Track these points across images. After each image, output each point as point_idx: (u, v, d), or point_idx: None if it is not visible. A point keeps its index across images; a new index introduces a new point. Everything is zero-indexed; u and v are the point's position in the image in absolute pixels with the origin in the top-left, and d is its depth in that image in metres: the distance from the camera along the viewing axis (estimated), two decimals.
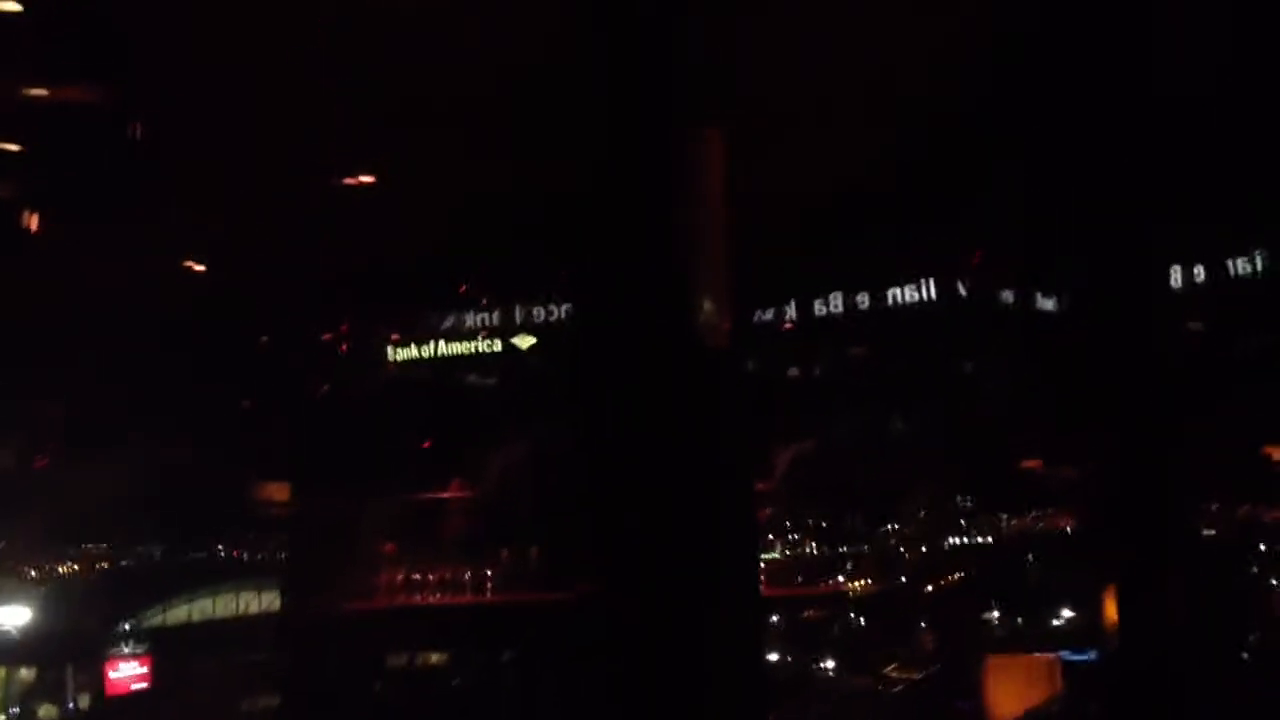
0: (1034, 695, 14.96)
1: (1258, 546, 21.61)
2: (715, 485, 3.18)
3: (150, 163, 10.72)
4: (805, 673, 23.09)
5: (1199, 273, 21.81)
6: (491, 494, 20.82)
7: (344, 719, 22.75)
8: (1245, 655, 14.83)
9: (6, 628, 27.32)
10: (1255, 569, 20.58)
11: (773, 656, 22.99)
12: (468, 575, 20.90)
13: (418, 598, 20.74)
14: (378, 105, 10.51)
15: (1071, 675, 15.29)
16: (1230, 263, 22.26)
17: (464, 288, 24.44)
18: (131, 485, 21.37)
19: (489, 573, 20.75)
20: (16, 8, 7.93)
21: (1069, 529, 24.54)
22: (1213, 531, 21.18)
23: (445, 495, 22.44)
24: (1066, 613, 20.80)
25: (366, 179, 13.15)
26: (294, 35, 9.15)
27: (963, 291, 24.31)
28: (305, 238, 14.92)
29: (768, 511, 23.82)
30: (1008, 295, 24.21)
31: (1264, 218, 19.96)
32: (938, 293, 24.44)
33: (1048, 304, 23.04)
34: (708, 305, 3.29)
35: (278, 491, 24.75)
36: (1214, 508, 20.88)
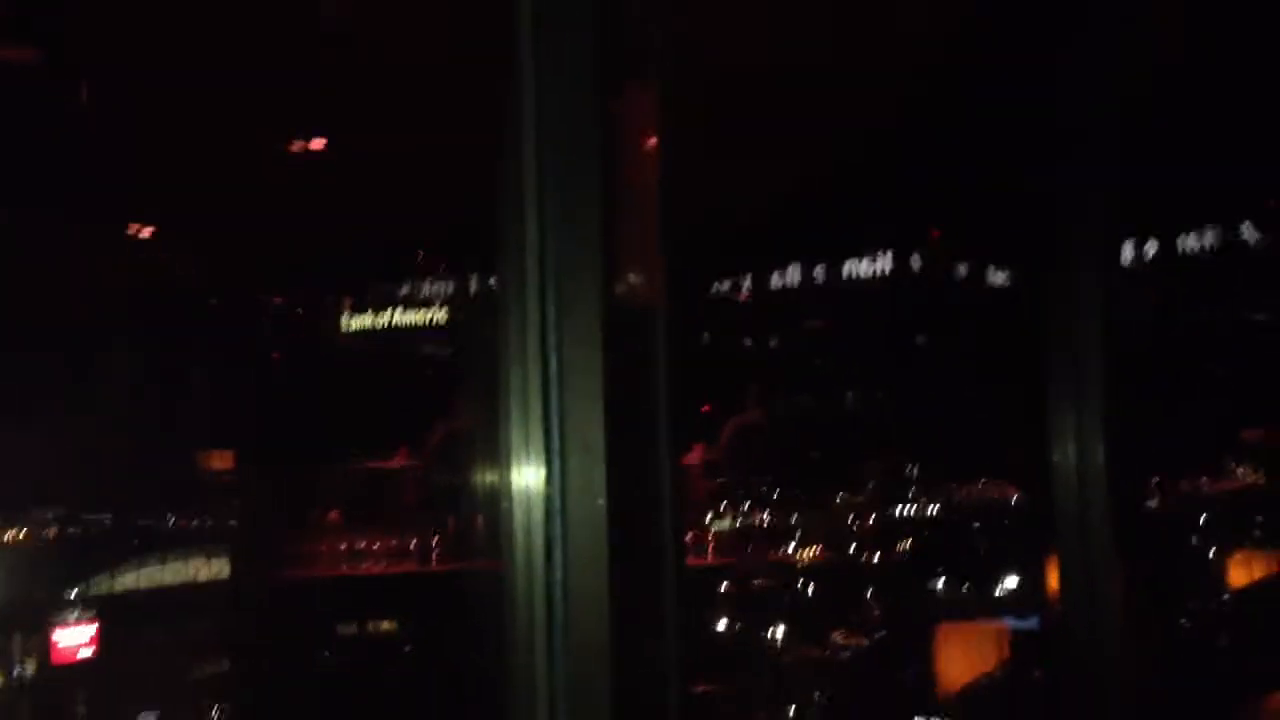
0: (983, 662, 15.18)
1: (1198, 519, 21.99)
2: (642, 451, 3.20)
3: (92, 127, 10.61)
4: (754, 640, 23.28)
5: (1149, 249, 22.11)
6: (437, 463, 20.79)
7: (293, 686, 22.75)
8: (1184, 621, 15.11)
9: None
10: (1195, 539, 20.93)
11: (722, 624, 23.20)
12: (414, 544, 20.89)
13: (364, 566, 20.74)
14: (325, 69, 10.44)
15: (1016, 642, 15.52)
16: (1180, 238, 22.57)
17: (420, 255, 24.38)
18: (77, 451, 21.18)
19: (435, 541, 20.78)
20: None
21: (1014, 498, 24.90)
22: (1154, 503, 21.53)
23: (393, 464, 22.42)
24: (1011, 580, 21.09)
25: (317, 145, 13.08)
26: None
27: (917, 266, 24.55)
28: (257, 204, 14.83)
29: (719, 481, 23.98)
30: (961, 269, 24.48)
31: (1214, 194, 20.24)
32: (893, 266, 24.67)
33: (1000, 278, 23.31)
34: (634, 269, 3.29)
35: (221, 460, 24.65)
36: (1155, 480, 21.21)
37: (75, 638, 26.30)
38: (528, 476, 2.91)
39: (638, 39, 3.44)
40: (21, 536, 30.08)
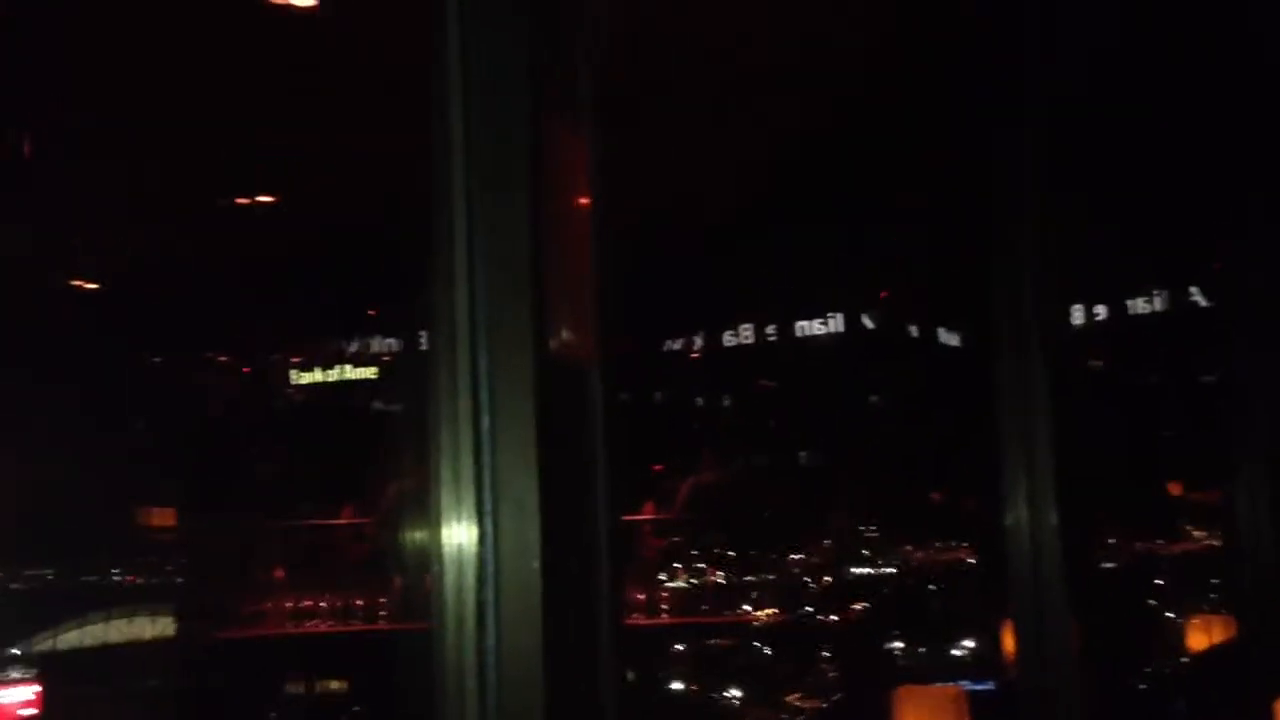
0: None
1: (1154, 580, 22.03)
2: (578, 510, 3.11)
3: (34, 172, 10.47)
4: (709, 702, 23.02)
5: (1099, 311, 22.32)
6: (384, 521, 20.56)
7: None
8: (1142, 685, 15.07)
9: None
10: (1153, 601, 20.94)
11: (678, 685, 22.94)
12: (360, 602, 20.58)
13: (310, 625, 20.39)
14: (273, 118, 10.37)
15: (975, 705, 15.39)
16: (1130, 302, 22.81)
17: (373, 311, 24.24)
18: (16, 505, 20.79)
19: (382, 600, 20.49)
20: None
21: (970, 560, 24.88)
22: (1111, 565, 21.56)
23: (339, 521, 22.14)
24: (968, 643, 21.00)
25: (266, 198, 12.96)
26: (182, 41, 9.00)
27: (869, 325, 24.68)
28: (203, 256, 14.69)
29: (673, 539, 23.83)
30: (913, 330, 24.61)
31: (1164, 256, 20.48)
32: (845, 326, 24.81)
33: (953, 339, 23.45)
34: (568, 322, 3.20)
35: (161, 517, 24.30)
36: (1111, 541, 21.25)
37: (17, 696, 25.69)
38: (459, 537, 2.79)
39: (568, 73, 3.38)
40: None
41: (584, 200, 3.33)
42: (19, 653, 26.65)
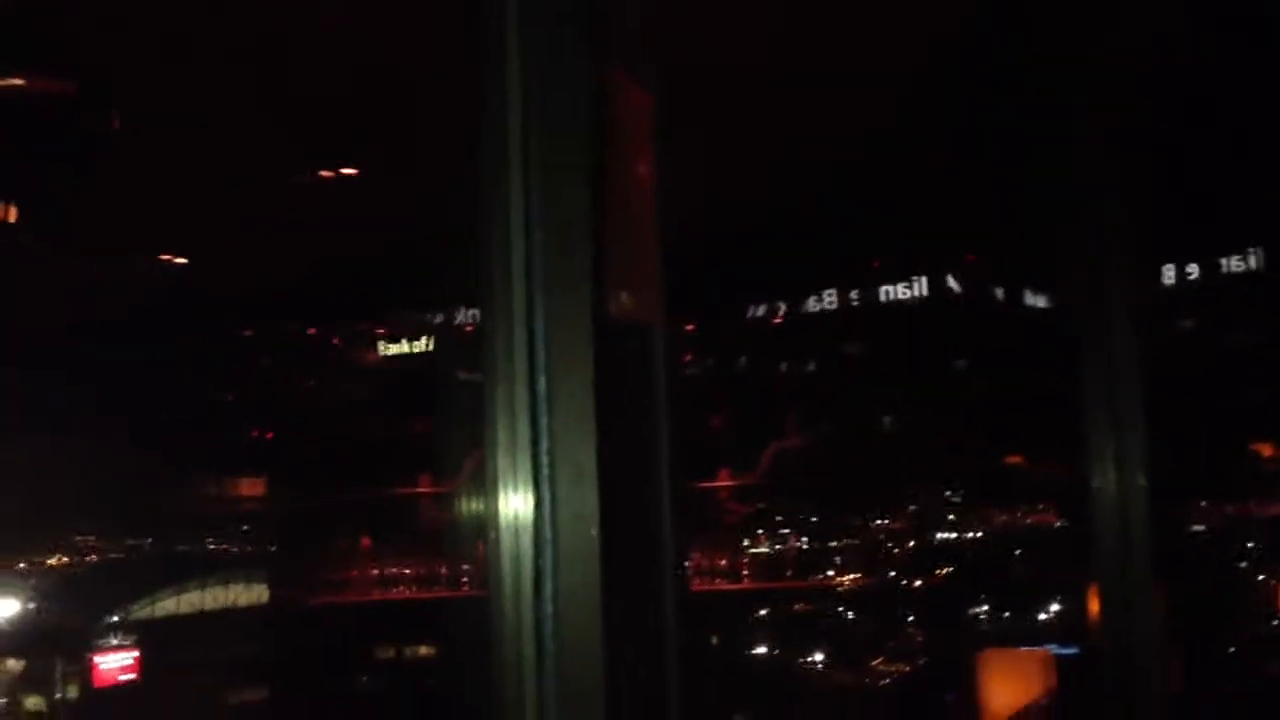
0: (1029, 690, 14.84)
1: (1246, 542, 21.58)
2: (639, 475, 3.01)
3: (126, 155, 10.63)
4: (793, 666, 23.03)
5: (1192, 271, 21.78)
6: (466, 488, 20.71)
7: (331, 710, 22.72)
8: (1232, 648, 14.81)
9: None
10: (1243, 564, 20.52)
11: (761, 649, 22.98)
12: (444, 570, 20.76)
13: (396, 591, 20.70)
14: (358, 95, 10.42)
15: (1063, 670, 15.20)
16: (1224, 261, 22.24)
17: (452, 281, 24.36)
18: (114, 476, 21.32)
19: (465, 567, 20.67)
20: None
21: (1056, 524, 24.54)
22: (1201, 527, 21.17)
23: (422, 490, 22.35)
24: (1053, 607, 20.76)
25: (349, 171, 13.04)
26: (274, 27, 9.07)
27: (955, 288, 24.28)
28: (291, 231, 14.83)
29: (757, 505, 23.83)
30: (999, 292, 24.20)
31: (1259, 216, 19.95)
32: (929, 290, 24.41)
33: (1038, 301, 23.03)
34: (629, 279, 3.08)
35: (251, 487, 24.71)
36: (1202, 504, 20.85)
37: (116, 662, 26.42)
38: (515, 503, 2.72)
39: (630, 37, 3.26)
40: (65, 561, 30.35)
41: (647, 154, 3.22)
42: (118, 619, 27.42)
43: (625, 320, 3.06)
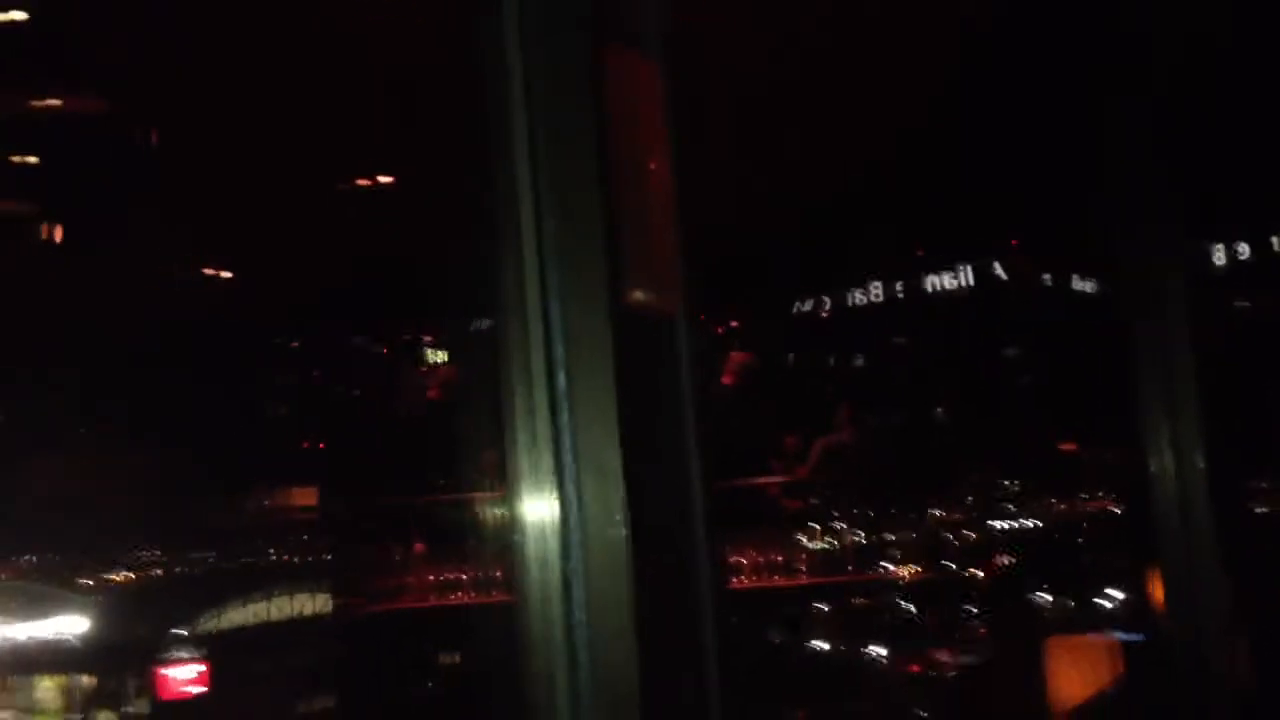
0: (1098, 677, 14.67)
1: None
2: (668, 473, 2.95)
3: (166, 168, 10.75)
4: (856, 660, 22.88)
5: (1242, 250, 21.49)
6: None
7: (402, 715, 22.82)
8: None
9: (65, 636, 27.63)
10: None
11: (822, 645, 22.84)
12: (499, 574, 20.78)
13: (454, 597, 20.70)
14: (392, 102, 10.47)
15: (1130, 656, 14.99)
16: (1276, 238, 21.92)
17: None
18: (175, 491, 21.58)
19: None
20: (22, 16, 7.92)
21: (1115, 510, 24.26)
22: (1265, 509, 20.79)
23: (472, 495, 22.43)
24: (1117, 594, 20.49)
25: (386, 179, 13.13)
26: (306, 35, 9.12)
27: (1001, 276, 24.10)
28: (333, 241, 14.95)
29: (810, 501, 23.68)
30: (1046, 278, 23.98)
31: None
32: (975, 278, 24.25)
33: (1086, 286, 22.78)
34: (648, 268, 3.01)
35: (303, 496, 24.90)
36: (1263, 485, 20.47)
37: (184, 674, 26.73)
38: (538, 504, 2.68)
39: (649, 23, 3.17)
40: (131, 576, 30.78)
41: (660, 138, 3.14)
42: (185, 632, 27.75)
43: (646, 310, 3.00)
